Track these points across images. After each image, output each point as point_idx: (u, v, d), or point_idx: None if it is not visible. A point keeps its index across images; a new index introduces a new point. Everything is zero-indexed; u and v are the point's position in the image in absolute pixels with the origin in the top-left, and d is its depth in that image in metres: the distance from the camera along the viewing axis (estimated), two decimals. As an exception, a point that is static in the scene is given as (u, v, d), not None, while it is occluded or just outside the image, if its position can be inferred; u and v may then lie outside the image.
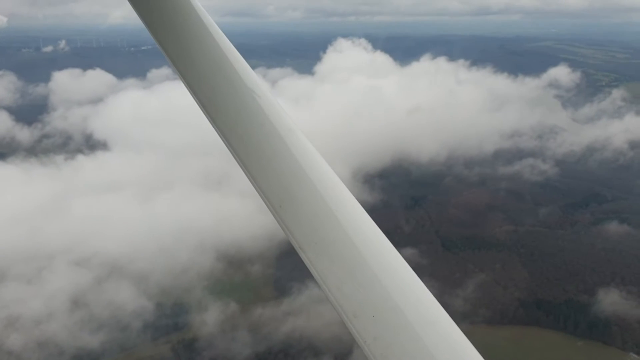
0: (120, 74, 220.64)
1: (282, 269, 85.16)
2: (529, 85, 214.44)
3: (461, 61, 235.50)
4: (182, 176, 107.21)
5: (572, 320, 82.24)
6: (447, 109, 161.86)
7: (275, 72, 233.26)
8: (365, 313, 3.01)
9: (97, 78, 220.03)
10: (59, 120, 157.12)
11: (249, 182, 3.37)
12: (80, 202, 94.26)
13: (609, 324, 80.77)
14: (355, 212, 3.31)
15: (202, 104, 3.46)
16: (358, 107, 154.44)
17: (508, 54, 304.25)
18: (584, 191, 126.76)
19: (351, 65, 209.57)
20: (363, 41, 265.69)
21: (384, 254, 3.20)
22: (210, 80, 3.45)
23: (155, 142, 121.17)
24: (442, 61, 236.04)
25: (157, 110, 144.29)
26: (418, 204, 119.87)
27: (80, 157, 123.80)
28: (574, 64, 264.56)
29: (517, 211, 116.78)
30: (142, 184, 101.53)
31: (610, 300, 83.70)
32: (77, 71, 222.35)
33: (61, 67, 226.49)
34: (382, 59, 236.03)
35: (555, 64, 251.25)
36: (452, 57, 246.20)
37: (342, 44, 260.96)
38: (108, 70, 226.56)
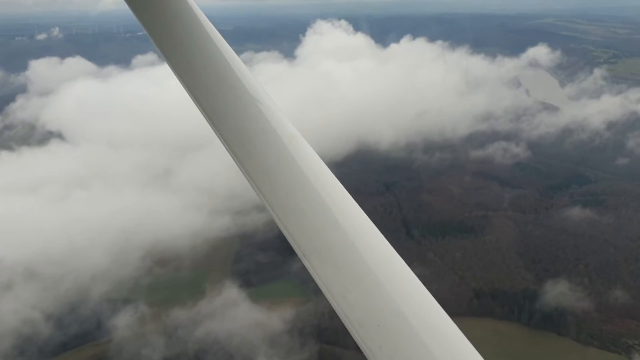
0: (105, 61, 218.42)
1: (202, 270, 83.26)
2: (513, 65, 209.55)
3: (441, 42, 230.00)
4: (119, 171, 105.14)
5: (526, 311, 79.11)
6: (422, 92, 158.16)
7: (261, 55, 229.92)
8: (370, 322, 3.00)
9: (76, 66, 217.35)
10: (18, 111, 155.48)
11: (254, 192, 3.41)
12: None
13: (564, 315, 77.60)
14: (358, 220, 3.30)
15: (206, 113, 3.48)
16: (327, 91, 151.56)
17: (507, 32, 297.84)
18: (561, 174, 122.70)
19: (328, 48, 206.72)
20: (343, 23, 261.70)
21: (389, 262, 3.18)
22: (213, 89, 3.46)
23: (99, 135, 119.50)
24: (422, 42, 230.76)
25: (110, 100, 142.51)
26: (388, 190, 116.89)
27: (21, 150, 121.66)
28: (573, 41, 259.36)
29: (489, 196, 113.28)
30: (72, 179, 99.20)
31: (569, 289, 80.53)
32: (54, 59, 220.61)
33: (53, 55, 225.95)
34: (361, 41, 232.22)
35: (553, 41, 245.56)
36: (447, 37, 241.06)
37: (322, 26, 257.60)
38: (100, 56, 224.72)
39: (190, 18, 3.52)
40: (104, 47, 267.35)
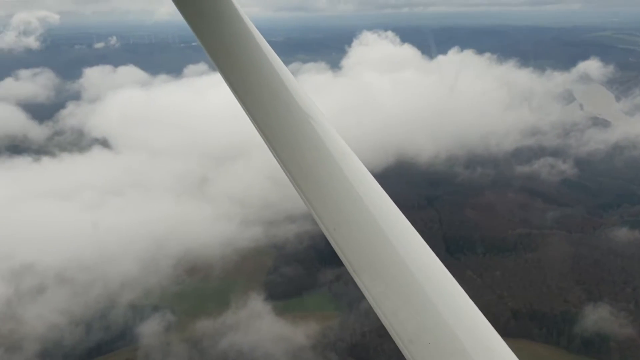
0: (157, 71, 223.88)
1: (232, 281, 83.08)
2: (563, 78, 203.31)
3: (489, 54, 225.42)
4: (156, 179, 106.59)
5: (566, 334, 76.14)
6: (466, 105, 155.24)
7: (308, 66, 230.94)
8: (421, 339, 3.03)
9: (128, 74, 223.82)
10: (68, 117, 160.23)
11: (303, 204, 3.45)
12: (36, 205, 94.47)
13: (606, 340, 74.25)
14: (410, 237, 3.31)
15: (260, 128, 3.57)
16: (369, 102, 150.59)
17: (560, 45, 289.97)
18: (611, 192, 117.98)
19: (373, 59, 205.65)
20: (390, 34, 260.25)
21: (440, 280, 3.19)
22: (267, 105, 3.53)
23: (140, 143, 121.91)
24: (470, 55, 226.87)
25: (154, 109, 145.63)
26: (430, 204, 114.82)
27: (63, 156, 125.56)
28: (631, 54, 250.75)
29: (534, 213, 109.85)
30: (109, 186, 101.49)
31: (613, 314, 77.00)
32: (108, 68, 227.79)
33: (109, 63, 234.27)
34: (407, 53, 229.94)
35: (609, 54, 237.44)
36: (497, 49, 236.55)
37: (367, 37, 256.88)
38: (153, 65, 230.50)
39: (242, 30, 3.63)
40: (158, 57, 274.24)
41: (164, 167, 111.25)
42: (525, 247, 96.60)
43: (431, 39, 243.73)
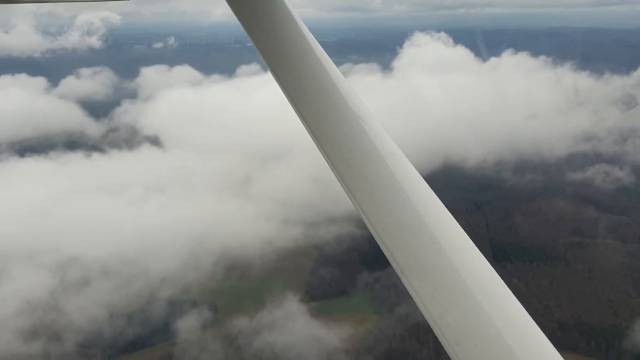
0: (211, 70, 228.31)
1: (270, 280, 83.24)
2: (622, 83, 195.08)
3: (545, 57, 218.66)
4: (201, 177, 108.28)
5: (615, 349, 73.21)
6: (518, 109, 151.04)
7: (359, 67, 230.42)
8: (468, 342, 3.00)
9: (183, 74, 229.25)
10: (122, 115, 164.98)
11: (345, 206, 3.05)
12: (84, 200, 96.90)
13: (657, 357, 71.03)
14: (458, 239, 3.28)
15: (309, 128, 3.60)
16: (417, 104, 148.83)
17: (622, 47, 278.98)
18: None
19: (424, 61, 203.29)
20: (443, 35, 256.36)
21: (489, 283, 3.16)
22: (317, 105, 3.58)
23: (188, 141, 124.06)
24: (524, 57, 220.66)
25: (203, 108, 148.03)
26: (478, 209, 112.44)
27: (112, 153, 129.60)
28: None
29: (586, 222, 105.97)
30: (155, 182, 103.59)
31: (667, 331, 73.55)
32: (164, 67, 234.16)
33: (166, 63, 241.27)
34: (459, 54, 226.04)
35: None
36: (554, 52, 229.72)
37: (420, 38, 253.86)
38: (207, 65, 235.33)
39: (294, 30, 3.67)
40: (212, 57, 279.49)
41: (209, 165, 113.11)
42: (575, 257, 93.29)
43: (485, 41, 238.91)
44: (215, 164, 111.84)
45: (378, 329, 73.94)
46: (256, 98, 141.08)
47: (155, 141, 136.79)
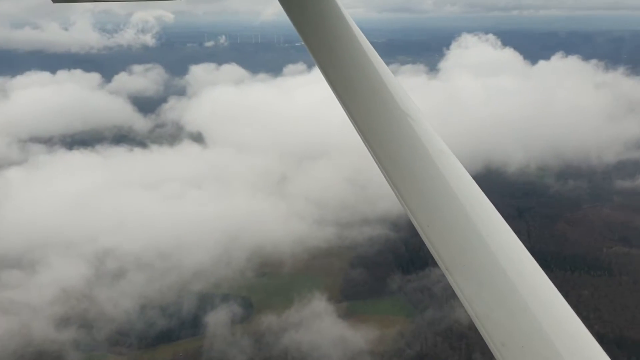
0: (259, 69, 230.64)
1: (300, 279, 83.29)
2: None
3: (596, 61, 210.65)
4: (237, 174, 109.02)
5: (658, 365, 70.25)
6: (566, 114, 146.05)
7: (405, 68, 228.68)
8: (514, 342, 3.00)
9: (230, 72, 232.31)
10: (168, 111, 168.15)
11: (397, 200, 3.52)
12: (124, 193, 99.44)
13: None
14: (506, 238, 3.33)
15: (357, 125, 3.67)
16: (461, 106, 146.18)
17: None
18: None
19: (471, 63, 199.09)
20: (491, 37, 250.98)
21: (537, 283, 3.18)
22: (366, 103, 3.65)
23: (228, 138, 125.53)
24: (575, 60, 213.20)
25: (245, 106, 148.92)
26: (520, 215, 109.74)
27: (157, 148, 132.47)
28: None
29: (635, 232, 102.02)
30: (193, 178, 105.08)
31: None
32: (212, 65, 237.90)
33: (216, 62, 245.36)
34: (507, 57, 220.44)
35: None
36: (608, 56, 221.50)
37: (467, 40, 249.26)
38: (256, 64, 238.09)
39: (344, 30, 3.73)
40: (261, 56, 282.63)
41: (247, 163, 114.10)
42: (620, 267, 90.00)
43: (535, 44, 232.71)
44: (253, 162, 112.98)
45: (409, 332, 73.09)
46: (297, 97, 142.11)
47: (197, 138, 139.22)
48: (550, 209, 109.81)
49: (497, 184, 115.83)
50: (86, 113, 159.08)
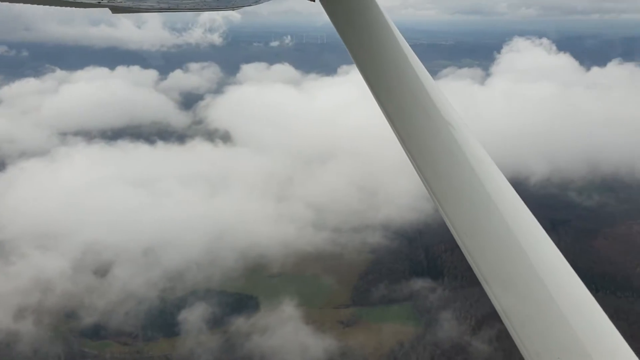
0: (311, 69, 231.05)
1: (285, 283, 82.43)
2: None
3: None
4: (245, 173, 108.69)
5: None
6: (613, 123, 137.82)
7: (463, 71, 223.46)
8: (549, 354, 3.04)
9: (280, 72, 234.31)
10: (203, 109, 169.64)
11: (436, 205, 3.61)
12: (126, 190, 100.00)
13: None
14: (546, 249, 3.36)
15: (397, 130, 3.76)
16: (502, 113, 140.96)
17: None
18: None
19: (521, 68, 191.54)
20: (545, 41, 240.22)
21: (575, 296, 3.22)
22: (406, 108, 3.70)
23: (249, 138, 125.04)
24: (631, 67, 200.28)
25: (274, 107, 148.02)
26: (555, 229, 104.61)
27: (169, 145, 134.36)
28: None
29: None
30: (197, 176, 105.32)
31: None
32: (263, 65, 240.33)
33: (277, 61, 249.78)
34: (561, 63, 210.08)
35: None
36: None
37: (520, 43, 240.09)
38: (311, 65, 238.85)
39: (386, 34, 3.71)
40: (320, 56, 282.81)
41: (258, 163, 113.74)
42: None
43: (600, 49, 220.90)
44: (265, 162, 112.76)
45: (410, 341, 71.38)
46: (319, 99, 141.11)
47: (214, 136, 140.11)
48: (587, 223, 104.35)
49: (534, 194, 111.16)
50: (126, 108, 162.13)
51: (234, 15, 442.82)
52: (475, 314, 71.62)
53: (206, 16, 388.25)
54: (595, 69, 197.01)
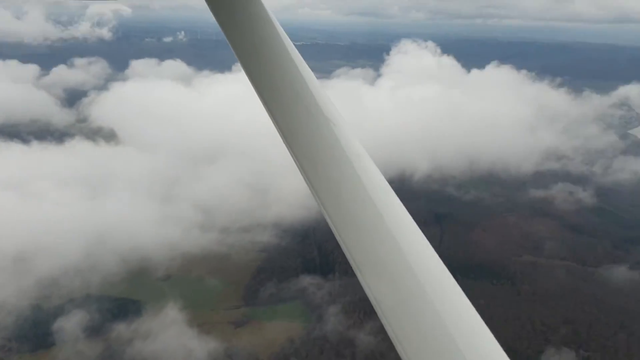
0: (204, 66, 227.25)
1: (171, 284, 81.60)
2: (600, 102, 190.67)
3: (526, 72, 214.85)
4: (128, 173, 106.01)
5: (536, 378, 70.06)
6: (489, 122, 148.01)
7: (356, 72, 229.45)
8: (418, 337, 3.19)
9: (171, 68, 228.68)
10: (87, 106, 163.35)
11: (315, 199, 3.62)
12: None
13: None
14: (416, 240, 3.45)
15: (279, 126, 3.77)
16: (389, 113, 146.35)
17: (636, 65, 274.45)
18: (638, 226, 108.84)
19: (407, 69, 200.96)
20: (430, 44, 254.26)
21: (442, 284, 3.31)
22: (288, 105, 3.74)
23: (130, 137, 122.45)
24: (507, 70, 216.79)
25: (154, 105, 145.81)
26: (436, 221, 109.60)
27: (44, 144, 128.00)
28: None
29: (546, 242, 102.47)
30: (76, 176, 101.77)
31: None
32: (153, 61, 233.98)
33: (169, 57, 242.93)
34: (443, 64, 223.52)
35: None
36: (547, 67, 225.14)
37: (407, 46, 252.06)
38: (205, 61, 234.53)
39: (269, 32, 3.78)
40: (214, 53, 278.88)
41: (141, 162, 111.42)
42: (523, 277, 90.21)
43: (477, 52, 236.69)
44: (148, 162, 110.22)
45: (300, 338, 72.21)
46: (209, 97, 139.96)
47: (94, 135, 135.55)
48: (467, 217, 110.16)
49: (414, 191, 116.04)
50: (1, 106, 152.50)
51: (125, 10, 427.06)
52: (364, 307, 73.60)
53: (95, 9, 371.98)
54: (475, 71, 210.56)
